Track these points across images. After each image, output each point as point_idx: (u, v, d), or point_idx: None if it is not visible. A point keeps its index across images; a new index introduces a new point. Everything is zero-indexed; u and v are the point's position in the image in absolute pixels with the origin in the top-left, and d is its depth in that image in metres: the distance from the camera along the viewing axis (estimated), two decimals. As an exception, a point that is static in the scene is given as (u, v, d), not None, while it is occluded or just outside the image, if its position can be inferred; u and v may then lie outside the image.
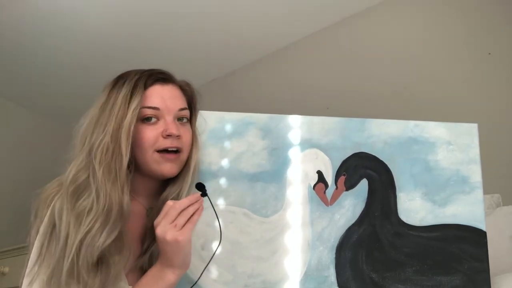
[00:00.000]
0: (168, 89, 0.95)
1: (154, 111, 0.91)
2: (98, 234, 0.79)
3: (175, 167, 0.92)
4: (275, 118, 1.03)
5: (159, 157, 0.90)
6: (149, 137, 0.90)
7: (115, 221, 0.81)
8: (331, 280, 0.89)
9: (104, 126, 0.87)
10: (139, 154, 0.91)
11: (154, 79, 0.94)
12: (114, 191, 0.82)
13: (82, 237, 0.79)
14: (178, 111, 0.93)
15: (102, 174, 0.83)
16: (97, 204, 0.81)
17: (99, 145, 0.85)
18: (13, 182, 2.70)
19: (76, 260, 0.78)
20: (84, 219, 0.80)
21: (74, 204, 0.82)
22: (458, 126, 0.98)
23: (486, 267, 0.86)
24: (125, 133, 0.86)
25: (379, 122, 1.00)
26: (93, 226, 0.80)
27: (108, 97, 0.91)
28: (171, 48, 2.39)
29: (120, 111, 0.87)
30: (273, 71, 2.38)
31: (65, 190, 0.84)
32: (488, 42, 1.70)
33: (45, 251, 0.82)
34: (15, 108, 2.86)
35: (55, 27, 2.23)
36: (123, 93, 0.89)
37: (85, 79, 2.54)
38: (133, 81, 0.91)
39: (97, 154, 0.85)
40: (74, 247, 0.78)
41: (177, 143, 0.91)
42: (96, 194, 0.82)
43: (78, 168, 0.86)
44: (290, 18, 2.18)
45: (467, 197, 0.92)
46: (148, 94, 0.92)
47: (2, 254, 2.23)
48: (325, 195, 0.96)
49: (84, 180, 0.84)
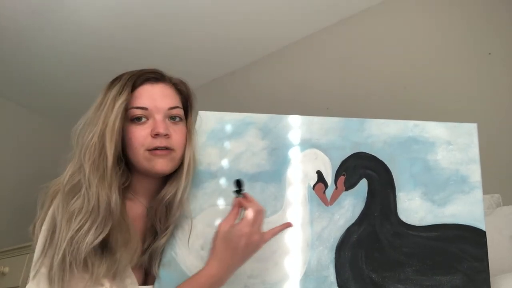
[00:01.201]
0: (158, 88, 0.95)
1: (143, 111, 0.92)
2: (87, 233, 0.80)
3: (166, 163, 0.92)
4: (274, 118, 1.03)
5: (149, 155, 0.91)
6: (138, 136, 0.91)
7: (103, 219, 0.82)
8: (331, 280, 0.89)
9: (94, 126, 0.88)
10: (131, 154, 0.92)
11: (144, 78, 0.95)
12: (102, 189, 0.83)
13: (72, 236, 0.79)
14: (168, 109, 0.94)
15: (90, 174, 0.84)
16: (87, 203, 0.82)
17: (87, 145, 0.87)
18: (13, 182, 2.70)
19: (66, 257, 0.79)
20: (75, 218, 0.81)
21: (68, 203, 0.83)
22: (457, 126, 0.97)
23: (486, 267, 0.86)
24: (109, 132, 0.87)
25: (379, 122, 1.00)
26: (83, 225, 0.81)
27: (101, 99, 0.92)
28: (171, 48, 2.39)
29: (108, 111, 0.89)
30: (273, 71, 2.38)
31: (62, 189, 0.86)
32: (488, 42, 1.70)
33: (48, 247, 0.83)
34: (15, 108, 2.86)
35: (55, 27, 2.24)
36: (113, 94, 0.91)
37: (85, 79, 2.55)
38: (123, 81, 0.92)
39: (86, 154, 0.86)
40: (64, 245, 0.79)
41: (166, 142, 0.91)
42: (86, 194, 0.83)
43: (74, 169, 0.87)
44: (290, 18, 2.18)
45: (466, 197, 0.92)
46: (137, 95, 0.93)
47: (2, 254, 2.23)
48: (324, 195, 0.95)
49: (79, 180, 0.85)
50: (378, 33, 2.04)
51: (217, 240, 0.84)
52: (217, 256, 0.84)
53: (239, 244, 0.83)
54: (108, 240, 0.82)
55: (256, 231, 0.84)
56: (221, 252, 0.83)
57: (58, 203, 0.84)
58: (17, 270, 2.08)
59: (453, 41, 1.80)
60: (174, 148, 0.93)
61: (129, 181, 0.94)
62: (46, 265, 0.81)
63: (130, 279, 0.86)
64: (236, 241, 0.83)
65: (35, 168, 2.68)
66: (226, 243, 0.83)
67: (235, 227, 0.84)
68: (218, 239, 0.84)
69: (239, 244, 0.83)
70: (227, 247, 0.83)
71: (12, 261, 2.15)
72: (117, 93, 0.90)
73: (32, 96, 2.82)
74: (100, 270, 0.80)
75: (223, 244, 0.83)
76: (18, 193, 2.63)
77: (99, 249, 0.81)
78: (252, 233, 0.83)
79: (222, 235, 0.84)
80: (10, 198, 2.66)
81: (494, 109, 1.60)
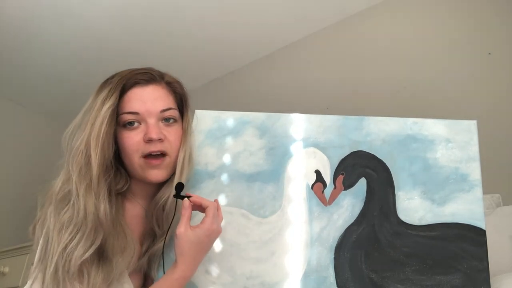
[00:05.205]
0: (149, 90, 0.91)
1: (134, 115, 0.89)
2: (77, 246, 0.78)
3: (161, 173, 0.90)
4: (272, 116, 1.02)
5: (144, 163, 0.89)
6: (131, 143, 0.88)
7: (92, 230, 0.80)
8: (330, 281, 0.88)
9: (82, 132, 0.85)
10: (126, 160, 0.90)
11: (134, 81, 0.91)
12: (89, 199, 0.81)
13: (63, 248, 0.78)
14: (161, 112, 0.91)
15: (77, 182, 0.81)
16: (76, 214, 0.80)
17: (75, 153, 0.84)
18: (13, 182, 2.70)
19: (59, 270, 0.77)
20: (65, 230, 0.79)
21: (59, 213, 0.81)
22: (457, 123, 0.96)
23: (486, 266, 0.85)
24: (94, 139, 0.83)
25: (377, 120, 0.99)
26: (73, 237, 0.79)
27: (90, 102, 0.89)
28: (171, 48, 2.39)
29: (95, 116, 0.85)
30: (273, 71, 2.38)
31: (54, 198, 0.83)
32: (488, 42, 1.70)
33: (42, 257, 0.82)
34: (15, 108, 2.86)
35: (55, 27, 2.24)
36: (101, 98, 0.87)
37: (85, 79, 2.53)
38: (113, 85, 0.89)
39: (74, 162, 0.83)
40: (56, 258, 0.77)
41: (160, 147, 0.89)
42: (76, 204, 0.81)
43: (65, 177, 0.85)
44: (289, 18, 2.18)
45: (466, 195, 0.91)
46: (127, 99, 0.89)
47: (2, 254, 2.23)
48: (323, 194, 0.95)
49: (70, 190, 0.83)
50: (378, 33, 2.04)
51: (183, 245, 0.82)
52: (188, 259, 0.82)
53: (208, 240, 0.84)
54: (104, 248, 0.81)
55: (218, 223, 0.86)
56: (192, 255, 0.82)
57: (50, 212, 0.82)
58: (17, 270, 2.08)
59: (453, 41, 1.80)
60: (168, 152, 0.90)
61: (128, 184, 0.92)
62: (40, 276, 0.80)
63: (127, 284, 0.85)
64: (205, 240, 0.83)
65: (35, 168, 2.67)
66: (195, 245, 0.82)
67: (201, 228, 0.82)
68: (184, 243, 0.82)
69: (208, 241, 0.84)
70: (197, 248, 0.82)
71: (12, 261, 2.15)
72: (105, 97, 0.87)
73: (32, 96, 2.82)
74: (97, 280, 0.78)
75: (193, 247, 0.82)
76: (18, 193, 2.63)
77: (95, 257, 0.80)
78: (217, 226, 0.85)
79: (188, 238, 0.82)
80: (10, 198, 2.66)
81: (494, 109, 1.60)
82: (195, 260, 0.83)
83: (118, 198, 0.90)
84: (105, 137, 0.84)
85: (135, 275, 0.90)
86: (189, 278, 0.84)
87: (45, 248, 0.81)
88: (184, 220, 0.83)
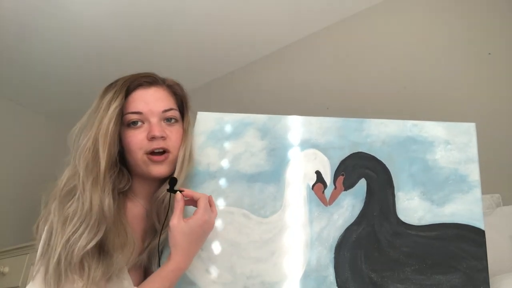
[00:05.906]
0: (151, 92, 0.97)
1: (138, 115, 0.94)
2: (81, 236, 0.81)
3: (163, 168, 0.94)
4: (273, 118, 1.03)
5: (147, 159, 0.93)
6: (135, 141, 0.93)
7: (96, 222, 0.83)
8: (330, 280, 0.88)
9: (89, 131, 0.90)
10: (130, 157, 0.95)
11: (137, 83, 0.97)
12: (94, 192, 0.84)
13: (67, 239, 0.80)
14: (163, 112, 0.96)
15: (84, 177, 0.85)
16: (82, 207, 0.83)
17: (82, 149, 0.88)
18: (13, 182, 2.70)
19: (61, 261, 0.79)
20: (69, 222, 0.82)
21: (64, 207, 0.84)
22: (456, 126, 0.97)
23: (485, 266, 0.86)
24: (102, 136, 0.88)
25: (377, 122, 1.00)
26: (77, 229, 0.81)
27: (96, 104, 0.94)
28: (171, 48, 2.39)
29: (102, 116, 0.91)
30: (273, 71, 2.38)
31: (58, 193, 0.87)
32: (488, 42, 1.70)
33: (45, 250, 0.84)
34: (15, 108, 2.86)
35: (56, 27, 2.24)
36: (107, 99, 0.92)
37: (85, 79, 2.55)
38: (117, 87, 0.94)
39: (80, 158, 0.87)
40: (59, 249, 0.80)
41: (163, 144, 0.94)
42: (81, 197, 0.84)
43: (71, 173, 0.89)
44: (289, 18, 2.18)
45: (465, 196, 0.91)
46: (131, 100, 0.95)
47: (2, 254, 2.23)
48: (323, 195, 0.95)
49: (75, 185, 0.86)
50: (378, 33, 2.04)
51: (176, 236, 0.84)
52: (182, 251, 0.84)
53: (202, 232, 0.86)
54: (105, 243, 0.83)
55: (210, 215, 0.88)
56: (185, 246, 0.84)
57: (55, 206, 0.85)
58: (17, 270, 2.08)
59: (453, 41, 1.80)
60: (170, 149, 0.95)
61: (130, 184, 0.96)
62: (43, 268, 0.82)
63: (127, 281, 0.86)
64: (198, 231, 0.85)
65: (35, 168, 2.68)
66: (188, 236, 0.84)
67: (193, 219, 0.85)
68: (177, 234, 0.84)
69: (202, 232, 0.86)
70: (190, 239, 0.84)
71: (12, 261, 2.15)
72: (111, 99, 0.92)
73: (32, 96, 2.82)
74: (97, 273, 0.80)
75: (186, 238, 0.84)
76: (18, 193, 2.63)
77: (96, 252, 0.82)
78: (210, 218, 0.87)
79: (181, 230, 0.84)
80: (10, 198, 2.66)
81: (494, 109, 1.60)
82: (189, 251, 0.85)
83: (120, 197, 0.93)
84: (112, 135, 0.89)
85: (135, 271, 0.92)
86: (184, 270, 0.85)
87: (48, 242, 0.83)
88: (177, 213, 0.85)
